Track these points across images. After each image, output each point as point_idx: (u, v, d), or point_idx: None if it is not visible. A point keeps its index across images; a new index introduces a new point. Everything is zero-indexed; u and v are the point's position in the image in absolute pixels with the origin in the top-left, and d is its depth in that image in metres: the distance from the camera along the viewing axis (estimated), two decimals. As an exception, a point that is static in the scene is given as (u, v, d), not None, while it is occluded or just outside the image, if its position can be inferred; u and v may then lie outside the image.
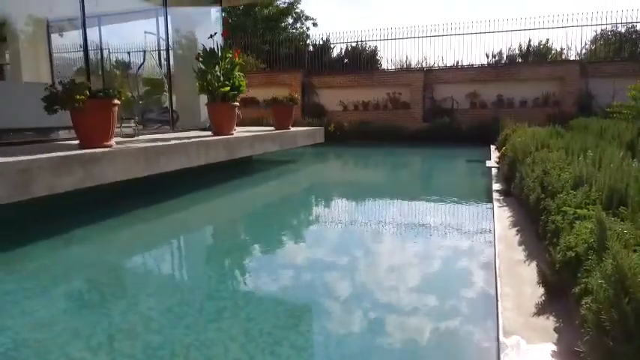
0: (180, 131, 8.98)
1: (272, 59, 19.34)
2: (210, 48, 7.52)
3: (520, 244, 3.55)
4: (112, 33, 10.86)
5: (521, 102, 14.74)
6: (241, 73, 7.75)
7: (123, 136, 7.19)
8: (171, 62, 9.42)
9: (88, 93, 5.14)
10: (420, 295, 3.05)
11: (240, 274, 3.56)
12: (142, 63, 9.33)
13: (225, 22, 13.94)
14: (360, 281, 3.35)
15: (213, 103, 7.60)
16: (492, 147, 9.58)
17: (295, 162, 10.51)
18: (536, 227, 3.45)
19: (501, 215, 4.44)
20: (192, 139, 6.62)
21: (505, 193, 5.42)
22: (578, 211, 2.79)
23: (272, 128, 9.89)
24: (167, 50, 9.15)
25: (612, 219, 2.43)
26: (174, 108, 9.30)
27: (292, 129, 9.86)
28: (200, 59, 7.49)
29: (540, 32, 16.57)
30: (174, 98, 9.39)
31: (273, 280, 3.33)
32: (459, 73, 15.62)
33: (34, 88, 8.08)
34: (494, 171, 7.14)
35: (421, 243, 4.44)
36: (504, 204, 4.93)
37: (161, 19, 9.36)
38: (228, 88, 7.42)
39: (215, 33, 7.65)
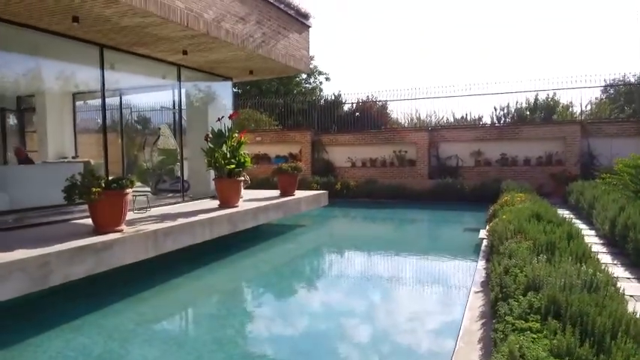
0: (191, 200, 9.58)
1: (285, 114, 20.29)
2: (219, 129, 8.21)
3: (480, 340, 3.85)
4: (132, 104, 11.79)
5: (524, 160, 15.10)
6: (245, 153, 8.34)
7: (136, 210, 7.78)
8: (184, 134, 10.17)
9: (103, 185, 5.76)
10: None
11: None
12: (158, 137, 10.08)
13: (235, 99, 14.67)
14: None
15: (220, 178, 8.21)
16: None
17: (302, 226, 10.98)
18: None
19: (474, 304, 4.75)
20: (198, 217, 7.16)
21: (487, 274, 5.74)
22: (516, 323, 3.16)
23: (278, 193, 10.44)
24: (180, 123, 9.90)
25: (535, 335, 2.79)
26: (186, 178, 9.96)
27: (297, 195, 10.39)
28: (209, 139, 8.17)
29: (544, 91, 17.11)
30: (186, 168, 10.06)
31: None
32: (463, 131, 16.15)
33: (58, 167, 8.84)
34: (485, 243, 7.43)
35: (389, 335, 4.77)
36: (481, 288, 5.24)
37: (176, 94, 10.15)
38: (234, 165, 8.03)
39: (222, 117, 8.35)
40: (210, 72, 10.13)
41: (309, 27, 10.35)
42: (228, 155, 8.20)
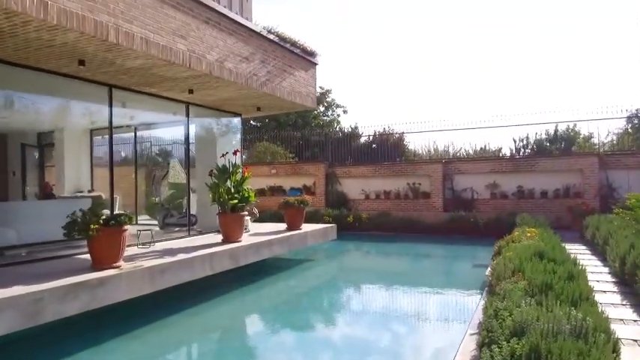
0: (198, 234, 9.67)
1: (303, 146, 20.51)
2: (223, 165, 8.34)
3: (466, 391, 3.71)
4: (145, 139, 12.14)
5: (541, 193, 14.76)
6: (249, 187, 8.43)
7: (140, 245, 7.89)
8: (193, 168, 10.36)
9: (101, 222, 5.88)
10: None
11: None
12: (167, 172, 10.30)
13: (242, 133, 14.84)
14: None
15: (223, 213, 8.29)
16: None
17: (310, 260, 10.91)
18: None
19: (467, 347, 4.59)
20: (199, 252, 7.21)
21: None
22: (495, 374, 3.03)
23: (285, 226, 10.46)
24: (188, 158, 10.09)
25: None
26: (194, 212, 10.08)
27: (303, 229, 10.37)
28: (213, 175, 8.30)
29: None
30: (194, 202, 10.20)
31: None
32: (478, 163, 15.96)
33: (67, 202, 9.08)
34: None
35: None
36: (477, 330, 5.07)
37: (185, 129, 10.40)
38: (237, 201, 8.11)
39: (226, 152, 8.49)
40: (218, 109, 10.39)
41: (315, 64, 10.56)
42: (232, 190, 8.29)
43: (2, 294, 4.61)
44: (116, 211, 10.57)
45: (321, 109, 29.11)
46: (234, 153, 8.60)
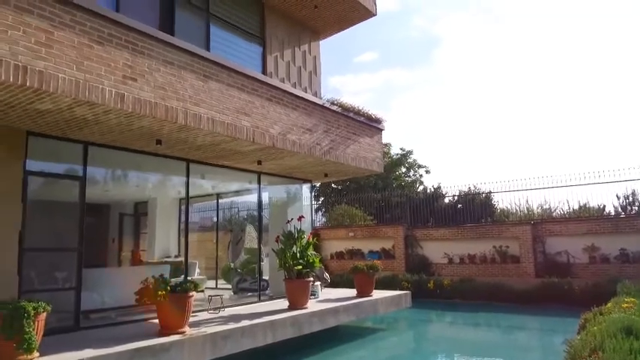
0: (269, 299, 9.83)
1: (384, 208, 20.32)
2: (289, 230, 8.58)
3: None
4: (225, 206, 12.94)
5: (650, 257, 13.05)
6: (315, 252, 8.52)
7: (210, 310, 8.19)
8: (267, 233, 10.73)
9: (168, 288, 6.27)
10: None
11: None
12: (240, 238, 10.78)
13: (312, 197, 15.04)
14: None
15: (289, 279, 8.40)
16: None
17: (381, 330, 10.51)
18: None
19: None
20: (263, 319, 7.30)
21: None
22: None
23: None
24: (260, 224, 10.50)
25: None
26: (267, 277, 10.33)
27: (374, 295, 10.10)
28: (280, 240, 8.54)
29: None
30: (267, 267, 10.47)
31: None
32: (572, 224, 14.63)
33: (151, 268, 9.79)
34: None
35: None
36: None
37: (258, 196, 10.92)
38: (301, 267, 8.21)
39: (292, 218, 8.75)
40: (288, 176, 10.83)
41: (381, 130, 10.72)
42: (298, 256, 8.43)
43: (73, 357, 5.04)
44: (195, 276, 11.17)
45: (403, 170, 28.98)
46: (299, 219, 8.83)
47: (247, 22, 9.74)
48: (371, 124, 10.38)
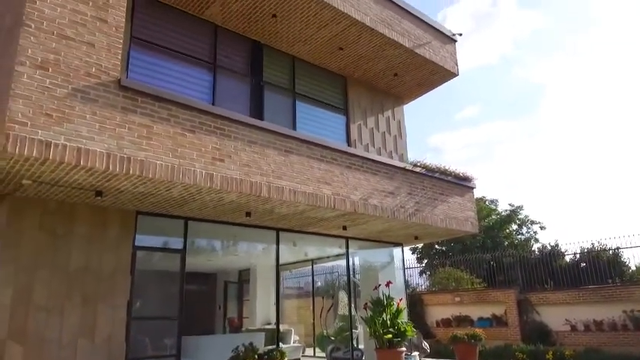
0: (363, 370, 9.53)
1: (494, 269, 18.89)
2: (377, 297, 8.40)
3: None
4: (319, 272, 13.13)
5: None
6: (408, 321, 8.20)
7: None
8: (359, 299, 10.60)
9: (256, 357, 6.46)
10: None
11: None
12: (332, 304, 10.76)
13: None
14: None
15: (379, 349, 8.11)
16: None
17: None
18: None
19: None
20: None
21: None
22: None
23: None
24: (349, 290, 10.42)
25: None
26: (362, 346, 10.08)
27: (478, 369, 9.29)
28: (368, 307, 8.38)
29: None
30: (362, 335, 10.24)
31: None
32: None
33: (247, 336, 10.13)
34: None
35: None
36: None
37: (351, 262, 10.93)
38: (391, 335, 7.91)
39: (379, 284, 8.61)
40: (377, 240, 10.77)
41: (472, 188, 10.33)
42: (388, 324, 8.16)
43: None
44: (291, 344, 11.28)
45: (514, 227, 27.04)
46: (387, 284, 8.63)
47: (331, 96, 10.34)
48: (460, 183, 10.08)
